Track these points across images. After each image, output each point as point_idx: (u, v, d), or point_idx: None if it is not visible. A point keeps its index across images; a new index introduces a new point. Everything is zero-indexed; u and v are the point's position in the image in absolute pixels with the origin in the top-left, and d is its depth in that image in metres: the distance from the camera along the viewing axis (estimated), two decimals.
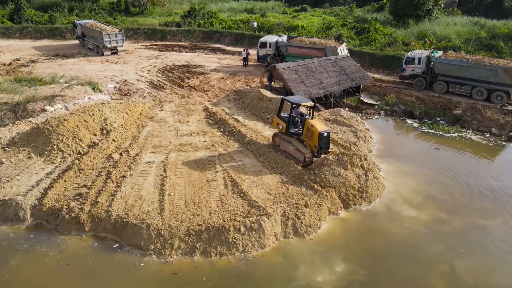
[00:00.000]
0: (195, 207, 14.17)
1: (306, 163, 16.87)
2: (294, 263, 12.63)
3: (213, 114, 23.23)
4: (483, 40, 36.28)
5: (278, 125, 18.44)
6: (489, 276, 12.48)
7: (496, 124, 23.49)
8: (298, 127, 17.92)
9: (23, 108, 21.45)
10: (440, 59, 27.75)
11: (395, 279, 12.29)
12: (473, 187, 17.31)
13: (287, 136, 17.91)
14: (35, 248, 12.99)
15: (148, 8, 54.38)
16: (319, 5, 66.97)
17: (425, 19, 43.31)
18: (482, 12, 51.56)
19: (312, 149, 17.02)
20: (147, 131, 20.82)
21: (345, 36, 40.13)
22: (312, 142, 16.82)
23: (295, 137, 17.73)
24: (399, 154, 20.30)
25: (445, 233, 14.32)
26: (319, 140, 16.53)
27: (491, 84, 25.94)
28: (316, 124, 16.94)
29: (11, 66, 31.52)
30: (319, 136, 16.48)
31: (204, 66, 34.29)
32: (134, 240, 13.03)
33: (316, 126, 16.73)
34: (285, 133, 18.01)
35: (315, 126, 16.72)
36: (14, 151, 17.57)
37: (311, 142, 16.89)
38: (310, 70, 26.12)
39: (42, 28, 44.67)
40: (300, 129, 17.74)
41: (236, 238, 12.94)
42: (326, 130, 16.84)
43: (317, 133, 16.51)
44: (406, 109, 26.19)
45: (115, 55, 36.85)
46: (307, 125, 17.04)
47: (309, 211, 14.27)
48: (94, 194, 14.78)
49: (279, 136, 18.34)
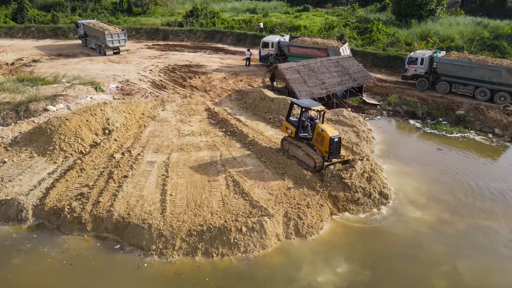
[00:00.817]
0: (197, 207, 14.15)
1: (316, 169, 16.47)
2: (296, 263, 12.61)
3: (215, 114, 23.21)
4: (486, 40, 36.12)
5: (287, 130, 17.92)
6: (492, 277, 12.43)
7: (499, 124, 23.38)
8: (308, 132, 17.51)
9: (26, 108, 21.49)
10: (443, 59, 27.65)
11: (398, 280, 12.25)
12: (476, 188, 17.24)
13: (296, 141, 17.49)
14: (37, 248, 13.01)
15: (150, 8, 54.40)
16: (321, 5, 66.84)
17: (428, 19, 43.15)
18: (485, 12, 51.36)
19: (322, 154, 16.55)
20: (149, 131, 20.81)
21: (348, 36, 40.04)
22: (323, 147, 16.39)
23: (304, 142, 17.29)
24: (401, 154, 20.23)
25: (448, 234, 14.26)
26: (330, 145, 16.09)
27: (494, 84, 25.82)
28: (327, 129, 16.48)
29: (13, 66, 31.59)
30: (330, 141, 16.04)
31: (206, 66, 34.28)
32: (136, 240, 13.03)
33: (327, 131, 16.29)
34: (295, 137, 17.58)
35: (326, 131, 16.28)
36: (16, 150, 17.60)
37: (322, 147, 16.47)
38: (312, 70, 26.07)
39: (44, 28, 44.74)
40: (310, 134, 17.30)
41: (238, 238, 12.92)
42: (337, 135, 16.42)
43: (328, 138, 16.07)
44: (409, 109, 26.10)
45: (117, 54, 36.87)
46: (318, 130, 16.60)
47: (311, 212, 14.24)
48: (96, 194, 14.78)
49: (288, 141, 17.91)
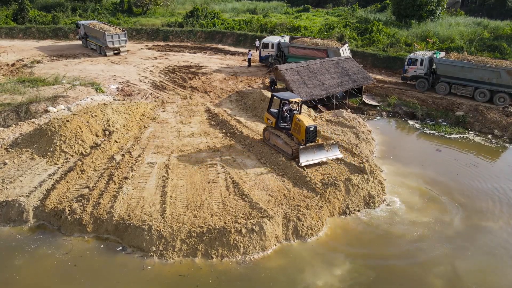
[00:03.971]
0: (197, 209, 14.21)
1: (293, 156, 17.53)
2: (295, 265, 12.66)
3: (215, 115, 23.27)
4: (486, 41, 36.15)
5: (268, 120, 19.25)
6: (492, 277, 12.48)
7: (499, 125, 23.43)
8: (287, 122, 18.67)
9: (26, 109, 21.55)
10: (442, 60, 27.70)
11: (397, 281, 12.30)
12: (475, 188, 17.29)
13: (276, 131, 18.64)
14: (41, 249, 13.09)
15: (150, 8, 54.45)
16: (321, 6, 66.95)
17: (428, 20, 43.20)
18: (485, 12, 51.43)
19: (299, 142, 17.78)
20: (149, 132, 20.87)
21: (348, 36, 40.09)
22: (300, 136, 17.62)
23: (284, 132, 18.45)
24: (401, 155, 20.29)
25: (447, 234, 14.32)
26: (306, 134, 17.34)
27: (494, 85, 25.87)
28: (304, 119, 17.73)
29: (14, 67, 31.63)
30: (306, 130, 17.30)
31: (207, 66, 34.34)
32: (136, 242, 13.09)
33: (304, 121, 17.55)
34: (275, 127, 18.78)
35: (303, 121, 17.54)
36: (17, 152, 17.68)
37: (299, 136, 17.69)
38: (312, 71, 26.13)
39: (45, 29, 44.81)
40: (289, 124, 18.48)
41: (238, 240, 12.98)
42: (313, 125, 17.70)
43: (304, 127, 17.33)
44: (408, 110, 26.15)
45: (117, 55, 36.93)
46: (295, 120, 17.87)
47: (310, 213, 14.29)
48: (96, 196, 14.84)
49: (269, 131, 19.08)
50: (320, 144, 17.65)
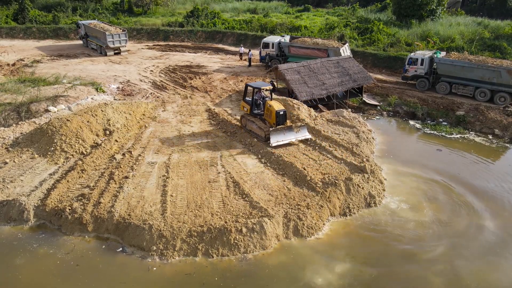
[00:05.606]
0: (197, 208, 14.22)
1: (266, 139, 19.14)
2: (296, 264, 12.67)
3: (215, 115, 23.28)
4: (487, 41, 36.14)
5: (244, 108, 21.09)
6: (491, 277, 12.48)
7: (499, 125, 23.42)
8: (260, 109, 20.41)
9: (27, 109, 21.56)
10: (443, 59, 27.68)
11: (397, 280, 12.30)
12: (476, 188, 17.27)
13: (251, 117, 20.40)
14: (43, 248, 13.08)
15: (151, 8, 54.47)
16: (322, 5, 66.96)
17: (428, 19, 43.18)
18: (486, 12, 51.42)
19: (271, 125, 19.36)
20: (149, 131, 20.89)
21: (348, 36, 40.08)
22: (271, 119, 19.32)
23: (258, 117, 20.20)
24: (401, 155, 20.28)
25: (447, 234, 14.31)
26: (277, 117, 19.05)
27: (494, 85, 25.86)
28: (274, 105, 19.44)
29: (14, 66, 31.64)
30: (276, 114, 18.99)
31: (207, 66, 34.35)
32: (137, 241, 13.10)
33: (274, 106, 19.26)
34: (250, 114, 20.55)
35: (273, 106, 19.27)
36: (17, 151, 17.69)
37: (270, 119, 19.38)
38: (312, 71, 26.13)
39: (45, 28, 44.84)
40: (262, 110, 20.21)
41: (238, 239, 12.99)
42: (283, 109, 19.38)
43: (275, 112, 19.01)
44: (409, 110, 26.14)
45: (118, 55, 36.96)
46: (267, 106, 19.63)
47: (310, 213, 14.29)
48: (97, 195, 14.85)
49: (245, 118, 20.72)
50: (289, 126, 19.25)
